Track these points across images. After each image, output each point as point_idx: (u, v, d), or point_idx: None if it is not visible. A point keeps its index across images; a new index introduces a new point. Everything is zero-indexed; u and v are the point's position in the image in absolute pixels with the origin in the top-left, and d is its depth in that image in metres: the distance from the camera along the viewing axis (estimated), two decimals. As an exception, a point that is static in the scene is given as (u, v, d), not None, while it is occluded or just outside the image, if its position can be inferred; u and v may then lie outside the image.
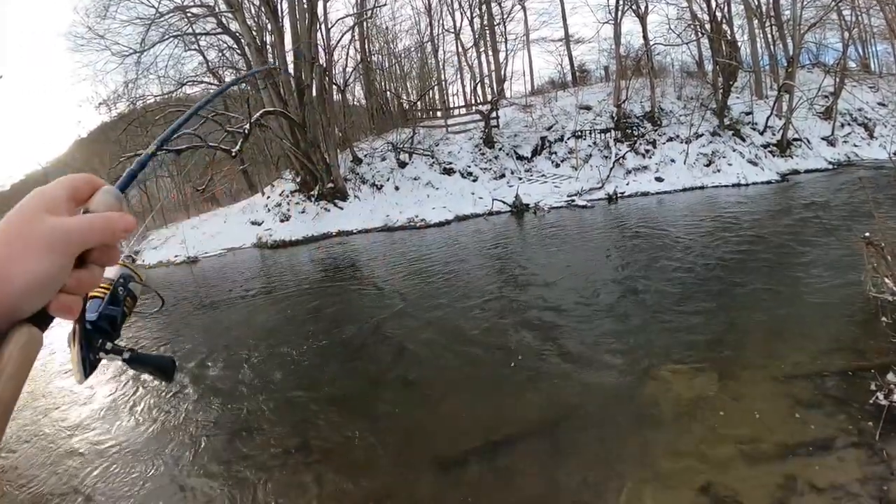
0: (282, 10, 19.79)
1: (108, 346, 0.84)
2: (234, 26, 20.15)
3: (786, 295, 6.51)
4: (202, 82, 22.78)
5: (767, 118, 20.17)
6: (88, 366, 0.78)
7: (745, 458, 3.57)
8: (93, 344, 0.81)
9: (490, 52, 26.20)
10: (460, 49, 28.31)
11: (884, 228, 5.56)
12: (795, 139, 19.72)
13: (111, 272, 0.92)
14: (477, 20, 26.97)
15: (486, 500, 3.67)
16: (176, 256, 19.17)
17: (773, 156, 19.36)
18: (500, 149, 20.73)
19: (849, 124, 21.38)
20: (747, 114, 20.81)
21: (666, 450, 3.81)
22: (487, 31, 25.80)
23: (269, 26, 19.95)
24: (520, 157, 20.46)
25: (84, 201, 0.51)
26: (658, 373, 4.98)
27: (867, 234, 5.55)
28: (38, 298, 0.45)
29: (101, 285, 0.89)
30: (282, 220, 19.62)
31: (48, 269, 0.44)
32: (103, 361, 0.85)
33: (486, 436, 4.41)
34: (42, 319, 0.46)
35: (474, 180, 19.97)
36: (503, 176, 19.96)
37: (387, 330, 7.68)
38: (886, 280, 5.43)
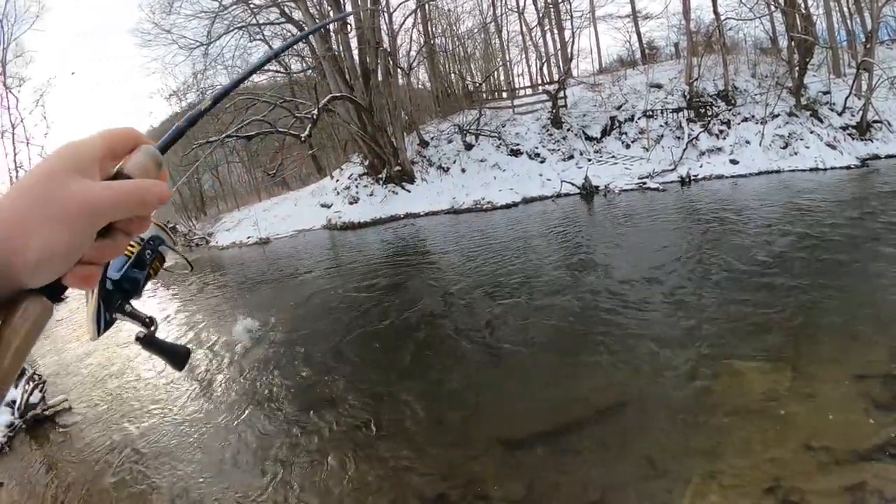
0: (344, -4, 19.83)
1: (127, 307, 0.83)
2: (297, 15, 20.25)
3: (865, 290, 6.34)
4: (268, 70, 23.13)
5: (846, 98, 19.41)
6: (104, 324, 0.78)
7: (814, 460, 3.49)
8: (111, 303, 0.80)
9: (555, 31, 25.63)
10: (524, 28, 27.77)
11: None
12: (876, 121, 18.99)
13: None
14: (541, -2, 26.40)
15: (548, 484, 3.73)
16: (248, 238, 19.78)
17: (853, 139, 18.69)
18: (568, 129, 20.52)
19: (932, 105, 20.51)
20: (825, 93, 20.08)
21: (734, 445, 3.79)
22: (552, 9, 25.17)
23: (331, 13, 19.94)
24: (589, 138, 20.24)
25: (121, 157, 0.47)
26: (729, 365, 4.95)
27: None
28: (52, 272, 0.42)
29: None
30: (350, 203, 19.96)
31: (68, 243, 0.41)
32: (119, 322, 0.83)
33: (552, 419, 4.50)
34: (55, 291, 0.44)
35: (542, 162, 19.85)
36: (571, 157, 19.79)
37: (454, 309, 7.93)
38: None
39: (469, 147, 20.61)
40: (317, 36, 19.20)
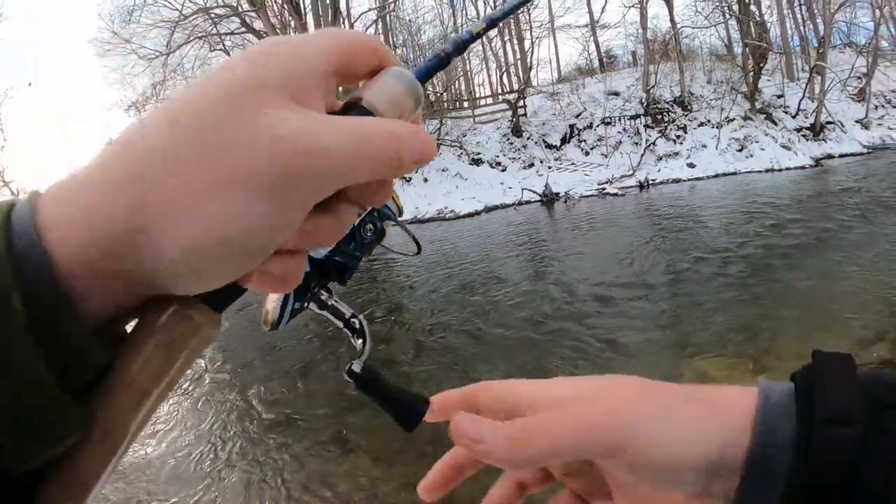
0: (304, 6, 20.00)
1: (327, 298, 0.61)
2: (258, 25, 20.30)
3: (824, 284, 6.41)
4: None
5: (800, 101, 19.86)
6: (289, 314, 0.58)
7: None
8: (305, 289, 0.59)
9: (515, 41, 26.09)
10: (485, 38, 28.01)
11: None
12: (829, 122, 19.40)
13: None
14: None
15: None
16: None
17: (807, 140, 19.08)
18: (528, 138, 20.62)
19: (883, 106, 21.01)
20: (779, 97, 20.51)
21: None
22: (511, 20, 25.56)
23: (292, 23, 20.08)
24: (548, 146, 20.35)
25: (356, 79, 0.29)
26: (694, 364, 4.97)
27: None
28: (224, 272, 0.24)
29: None
30: (311, 215, 19.78)
31: (260, 223, 0.23)
32: (310, 311, 0.62)
33: None
34: (225, 296, 0.27)
35: (503, 170, 19.89)
36: (532, 165, 19.86)
37: (419, 319, 7.73)
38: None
39: (431, 157, 20.56)
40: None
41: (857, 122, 20.08)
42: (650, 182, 17.54)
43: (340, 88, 0.30)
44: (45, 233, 0.21)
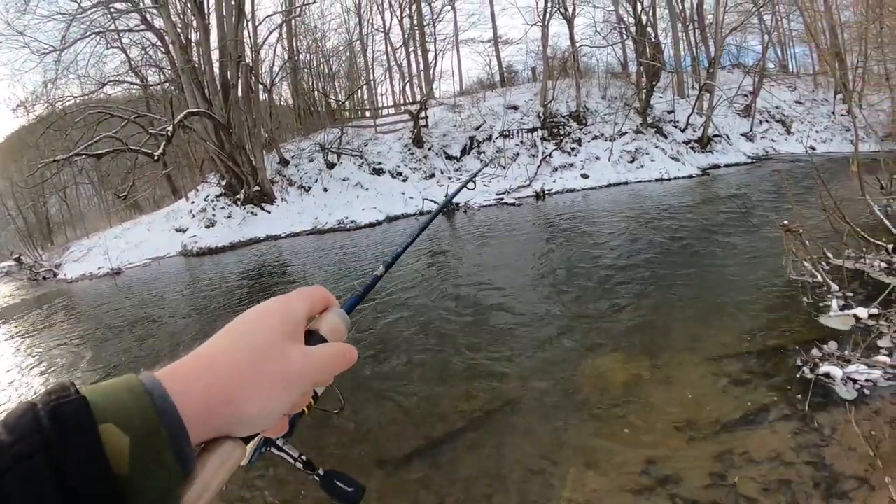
0: (208, 6, 19.00)
1: (280, 442, 0.87)
2: (158, 23, 19.46)
3: (710, 282, 6.72)
4: (124, 82, 22.04)
5: (689, 116, 20.80)
6: (257, 455, 0.77)
7: (681, 436, 3.65)
8: (270, 439, 0.83)
9: (419, 52, 26.31)
10: (390, 49, 28.27)
11: (801, 216, 6.05)
12: (716, 135, 20.37)
13: None
14: (407, 20, 27.03)
15: (434, 498, 3.57)
16: (99, 269, 18.20)
17: (695, 151, 19.96)
18: (429, 148, 20.66)
19: (767, 121, 22.29)
20: (669, 112, 21.39)
21: (605, 435, 3.85)
22: (417, 31, 25.85)
23: (194, 23, 19.21)
24: (449, 157, 20.45)
25: (315, 315, 0.51)
26: (591, 363, 5.01)
27: (786, 221, 6.06)
28: (260, 427, 0.43)
29: None
30: (207, 226, 18.92)
31: (284, 406, 0.44)
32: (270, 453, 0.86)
33: (426, 434, 4.32)
34: (251, 437, 0.45)
35: (404, 180, 19.81)
36: (433, 175, 19.88)
37: None
38: (805, 263, 5.92)
39: (331, 166, 20.27)
40: (177, 46, 18.42)
41: (742, 134, 21.16)
42: (546, 192, 17.78)
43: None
44: (174, 398, 0.37)
